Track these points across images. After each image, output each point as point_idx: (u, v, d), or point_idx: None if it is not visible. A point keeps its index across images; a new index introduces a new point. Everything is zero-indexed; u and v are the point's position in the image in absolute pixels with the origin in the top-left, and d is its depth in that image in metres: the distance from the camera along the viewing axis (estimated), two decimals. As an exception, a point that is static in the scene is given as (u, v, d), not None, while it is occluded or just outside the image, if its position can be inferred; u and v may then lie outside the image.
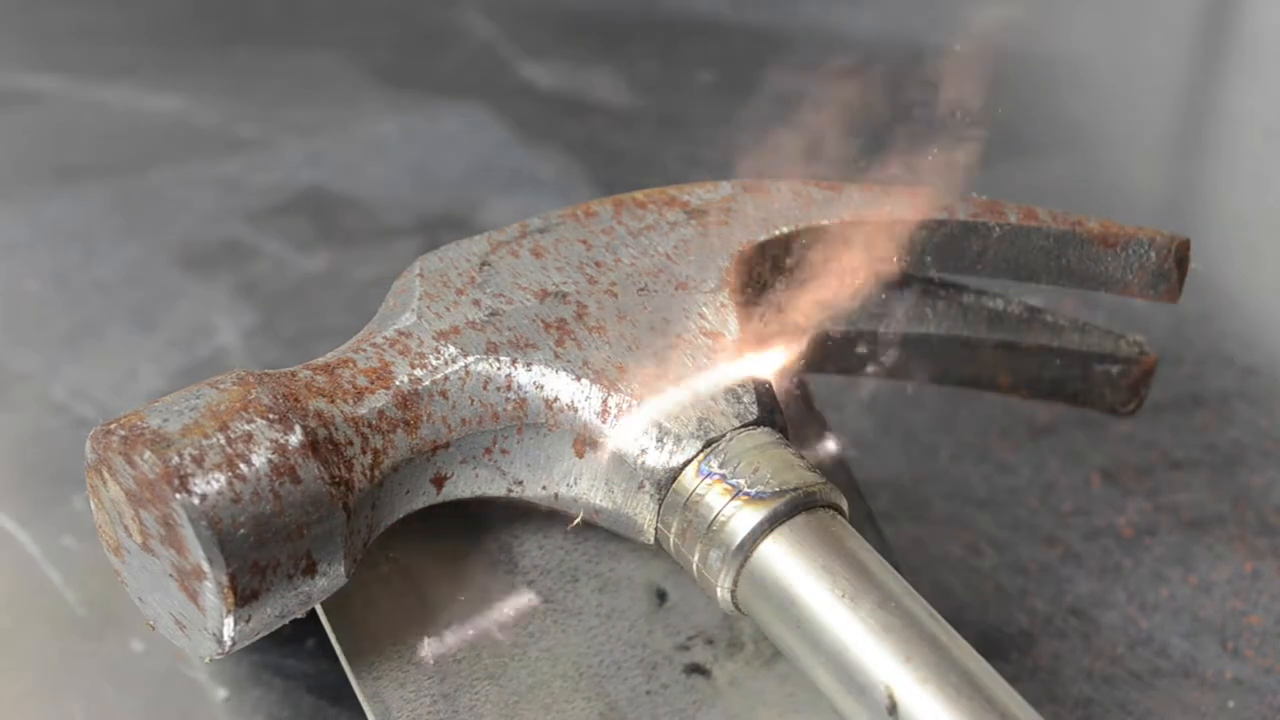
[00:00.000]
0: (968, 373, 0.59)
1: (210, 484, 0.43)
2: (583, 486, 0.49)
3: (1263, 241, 1.00)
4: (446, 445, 0.48)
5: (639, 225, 0.54)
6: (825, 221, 0.55)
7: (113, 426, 0.44)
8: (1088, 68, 1.26)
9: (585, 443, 0.49)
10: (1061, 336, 0.58)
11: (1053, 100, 1.18)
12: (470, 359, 0.48)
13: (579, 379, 0.48)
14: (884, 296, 0.58)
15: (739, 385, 0.49)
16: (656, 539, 0.49)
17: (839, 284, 0.54)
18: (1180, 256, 0.56)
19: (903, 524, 0.69)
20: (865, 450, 0.74)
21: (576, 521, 0.51)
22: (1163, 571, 0.67)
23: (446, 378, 0.48)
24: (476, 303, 0.50)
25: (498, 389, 0.48)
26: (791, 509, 0.46)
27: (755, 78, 1.16)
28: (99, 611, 0.61)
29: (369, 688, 0.49)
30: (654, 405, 0.48)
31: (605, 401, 0.48)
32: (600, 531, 0.52)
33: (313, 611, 0.48)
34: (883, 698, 0.43)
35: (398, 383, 0.48)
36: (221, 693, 0.57)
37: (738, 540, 0.46)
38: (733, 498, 0.46)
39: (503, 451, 0.49)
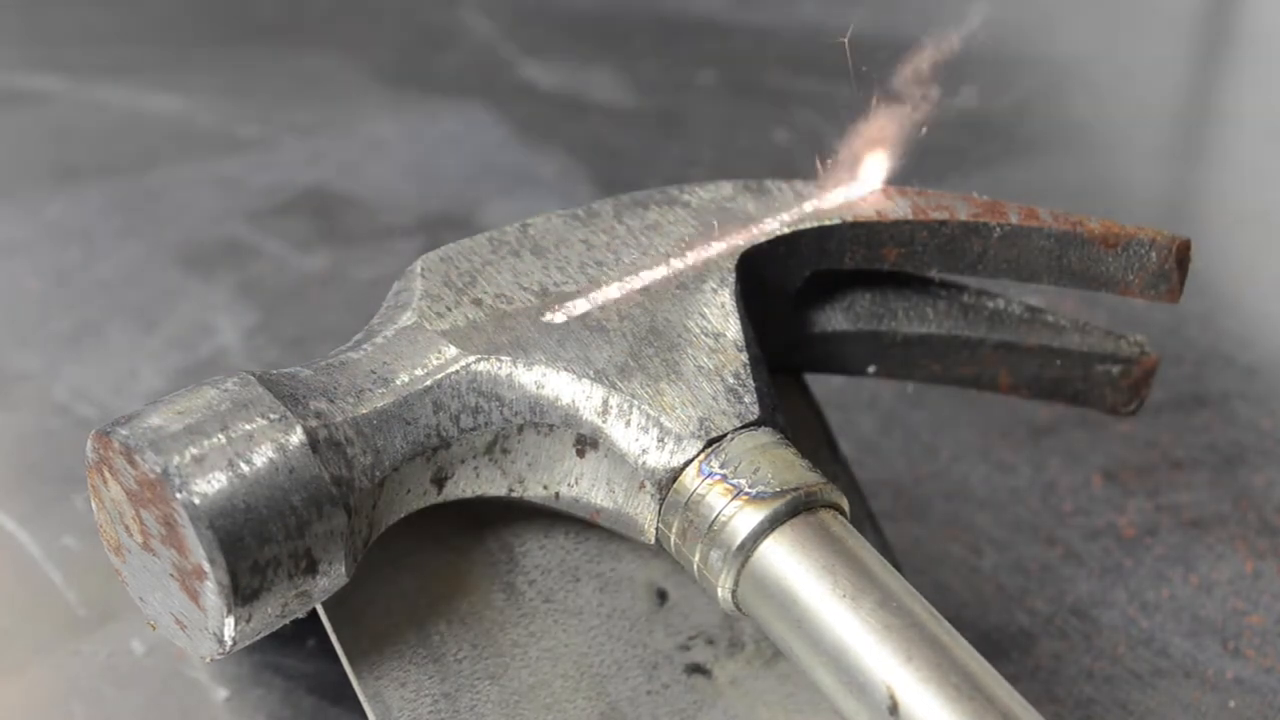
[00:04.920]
0: (968, 373, 0.59)
1: (211, 484, 0.43)
2: (583, 486, 0.49)
3: (1263, 241, 1.00)
4: (447, 445, 0.48)
5: (640, 225, 0.54)
6: (827, 222, 0.55)
7: (114, 426, 0.44)
8: (1088, 68, 1.26)
9: (586, 443, 0.49)
10: (1062, 336, 0.58)
11: (1053, 100, 1.18)
12: (471, 358, 0.48)
13: (580, 379, 0.48)
14: (885, 296, 0.58)
15: (740, 385, 0.49)
16: (657, 539, 0.49)
17: None
18: (1181, 257, 0.56)
19: (903, 524, 0.69)
20: (865, 450, 0.74)
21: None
22: (1163, 571, 0.67)
23: (447, 377, 0.48)
24: (477, 303, 0.50)
25: (499, 389, 0.48)
26: (792, 509, 0.46)
27: (755, 78, 1.16)
28: (99, 611, 0.61)
29: (369, 687, 0.49)
30: (655, 405, 0.48)
31: (606, 401, 0.48)
32: (600, 531, 0.52)
33: (313, 611, 0.48)
34: (884, 698, 0.43)
35: (398, 382, 0.48)
36: (222, 692, 0.57)
37: (738, 540, 0.46)
38: (733, 498, 0.46)
39: (503, 451, 0.49)
